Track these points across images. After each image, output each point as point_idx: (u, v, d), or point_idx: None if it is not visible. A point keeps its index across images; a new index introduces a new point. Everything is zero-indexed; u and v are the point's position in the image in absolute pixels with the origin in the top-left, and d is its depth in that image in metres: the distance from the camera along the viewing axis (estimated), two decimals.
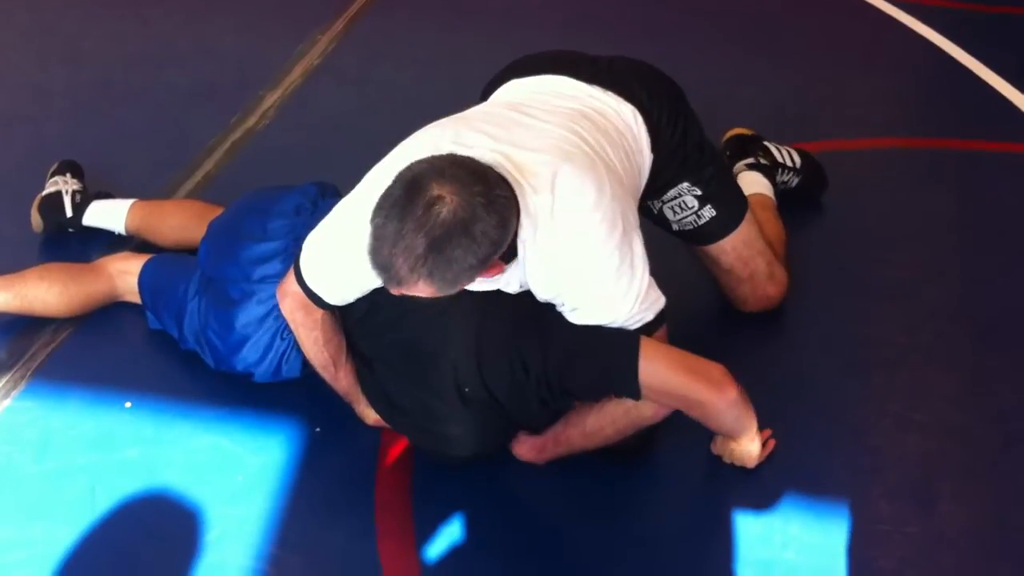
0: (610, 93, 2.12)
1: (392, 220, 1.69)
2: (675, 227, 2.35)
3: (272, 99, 3.37)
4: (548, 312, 1.96)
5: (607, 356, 1.94)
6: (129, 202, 2.64)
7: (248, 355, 2.22)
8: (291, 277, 2.02)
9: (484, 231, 1.69)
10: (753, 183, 2.73)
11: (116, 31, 3.81)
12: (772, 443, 2.13)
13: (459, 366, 1.97)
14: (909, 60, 3.89)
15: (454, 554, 2.00)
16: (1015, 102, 3.45)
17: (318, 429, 2.21)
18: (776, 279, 2.47)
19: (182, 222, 2.55)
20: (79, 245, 2.68)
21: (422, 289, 1.73)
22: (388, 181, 1.75)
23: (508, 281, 1.94)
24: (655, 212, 2.34)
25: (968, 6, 4.16)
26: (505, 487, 2.11)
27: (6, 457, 2.14)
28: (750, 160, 2.79)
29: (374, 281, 1.87)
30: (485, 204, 1.69)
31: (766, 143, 2.84)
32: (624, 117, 2.11)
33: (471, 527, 2.04)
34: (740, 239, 2.37)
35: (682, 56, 3.70)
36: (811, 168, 2.86)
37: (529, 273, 1.89)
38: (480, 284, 1.92)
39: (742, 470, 2.10)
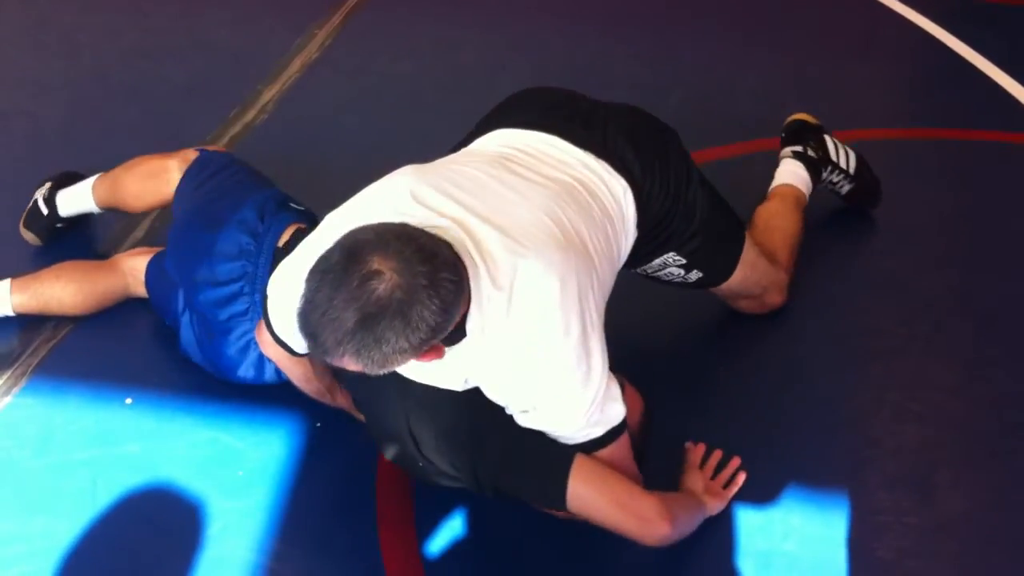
0: (602, 163, 1.98)
1: (325, 287, 1.56)
2: (664, 280, 2.27)
3: (270, 93, 3.36)
4: (483, 416, 1.85)
5: (537, 474, 1.85)
6: (91, 181, 2.60)
7: (245, 374, 2.22)
8: (263, 325, 1.97)
9: (422, 316, 1.55)
10: (788, 173, 2.66)
11: (113, 25, 3.80)
12: (741, 476, 2.07)
13: (407, 449, 1.92)
14: (905, 50, 3.89)
15: (455, 545, 2.01)
16: (1012, 92, 3.45)
17: (319, 424, 2.22)
18: (778, 287, 2.45)
19: (138, 190, 2.49)
20: (80, 239, 2.68)
21: (347, 364, 1.60)
22: (339, 234, 1.64)
23: (452, 378, 1.82)
24: (642, 276, 2.27)
25: None
26: None
27: (7, 452, 2.15)
28: (798, 148, 2.70)
29: None
30: (427, 286, 1.56)
31: (826, 136, 2.73)
32: (614, 193, 1.98)
33: (471, 518, 2.05)
34: (735, 281, 2.31)
35: (681, 49, 3.72)
36: (866, 178, 2.77)
37: (474, 367, 1.78)
38: (422, 376, 1.84)
39: (745, 462, 2.09)
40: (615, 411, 1.85)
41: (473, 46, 3.69)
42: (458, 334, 1.69)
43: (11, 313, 2.39)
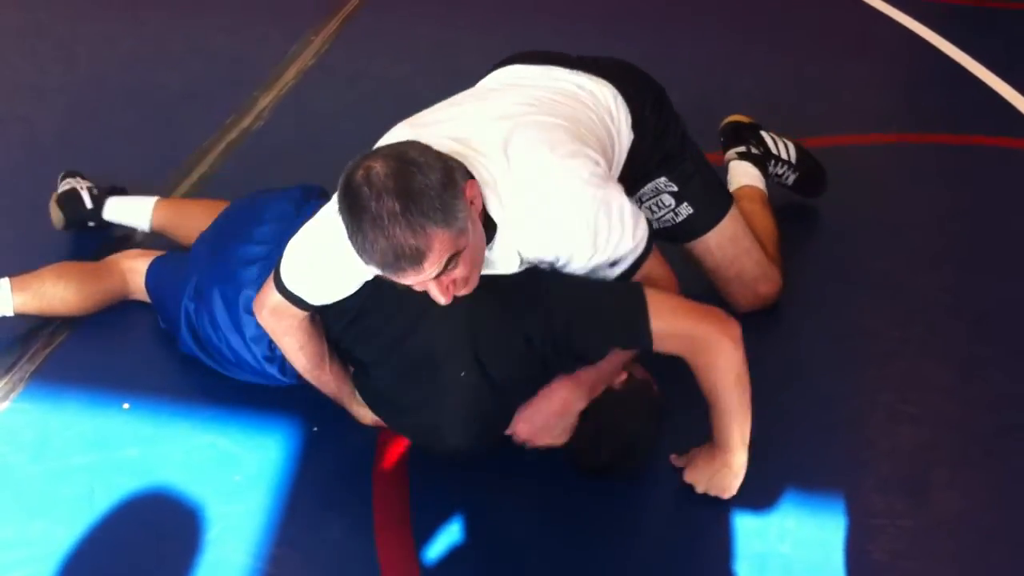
0: (589, 76, 2.16)
1: (363, 222, 1.68)
2: (655, 225, 2.32)
3: (267, 99, 3.38)
4: (541, 283, 1.95)
5: (613, 311, 1.94)
6: (152, 200, 2.65)
7: (257, 351, 2.21)
8: (268, 287, 2.01)
9: (420, 152, 1.72)
10: (743, 174, 2.71)
11: (109, 31, 3.82)
12: None
13: (452, 357, 1.95)
14: (900, 55, 3.91)
15: (451, 550, 2.01)
16: (1005, 96, 3.46)
17: (315, 428, 2.22)
18: (768, 278, 2.46)
19: (205, 224, 2.49)
20: (74, 244, 2.69)
21: (440, 240, 1.68)
22: None
23: (506, 258, 1.93)
24: None
25: (956, 1, 4.18)
26: (502, 483, 2.12)
27: (5, 458, 2.15)
28: (741, 149, 2.76)
29: (359, 277, 1.90)
30: (404, 146, 1.75)
31: (763, 132, 2.80)
32: (601, 97, 2.14)
33: (468, 523, 2.05)
34: (723, 237, 2.36)
35: (676, 49, 3.73)
36: (809, 165, 2.83)
37: (516, 239, 1.89)
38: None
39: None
40: (641, 216, 1.99)
41: (471, 48, 3.70)
42: (489, 228, 1.85)
43: (10, 313, 2.38)
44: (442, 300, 1.77)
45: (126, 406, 2.26)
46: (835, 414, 2.30)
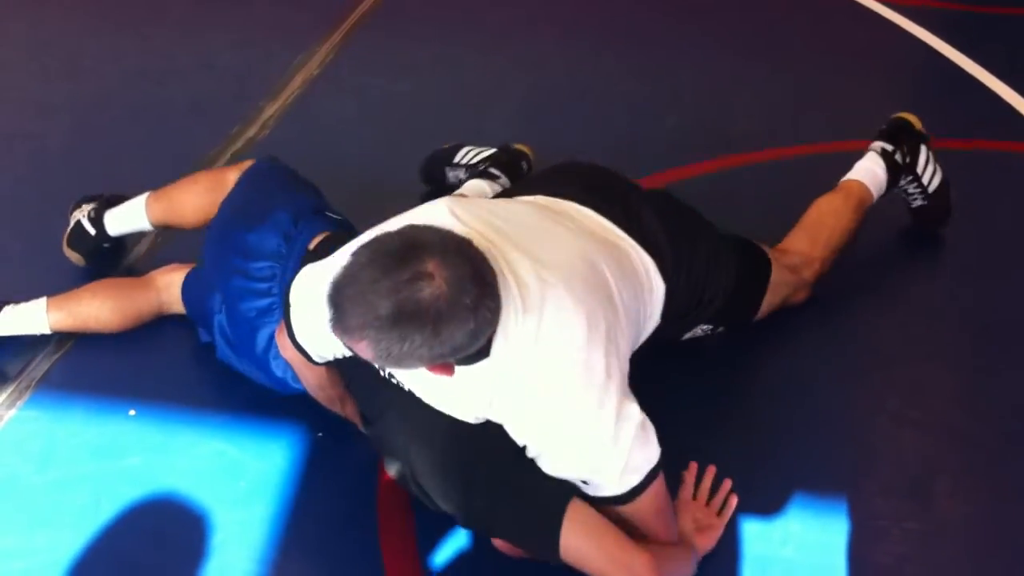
0: (637, 245, 2.00)
1: (372, 268, 1.53)
2: (689, 334, 2.31)
3: (272, 109, 3.39)
4: (479, 457, 1.83)
5: (530, 523, 1.82)
6: (143, 199, 2.61)
7: (275, 371, 2.23)
8: (284, 328, 2.00)
9: (452, 335, 1.54)
10: (866, 170, 2.63)
11: (115, 46, 3.84)
12: (734, 500, 2.04)
13: (398, 468, 1.93)
14: (902, 60, 3.91)
15: (456, 557, 2.01)
16: (1008, 100, 3.46)
17: (320, 435, 2.23)
18: (800, 288, 2.46)
19: (198, 203, 2.48)
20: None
21: (360, 347, 1.57)
22: None
23: (475, 401, 1.77)
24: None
25: (958, 6, 4.18)
26: None
27: (11, 467, 2.16)
28: (888, 147, 2.65)
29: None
30: (470, 308, 1.53)
31: (924, 147, 2.71)
32: (646, 266, 1.99)
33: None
34: (762, 313, 2.38)
35: (679, 62, 3.74)
36: (941, 204, 2.75)
37: (498, 394, 1.73)
38: (445, 394, 1.81)
39: (744, 468, 2.10)
40: (652, 452, 1.78)
41: (472, 64, 3.72)
42: (481, 355, 1.67)
43: (48, 331, 2.40)
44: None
45: (132, 413, 2.27)
46: (840, 418, 2.30)
